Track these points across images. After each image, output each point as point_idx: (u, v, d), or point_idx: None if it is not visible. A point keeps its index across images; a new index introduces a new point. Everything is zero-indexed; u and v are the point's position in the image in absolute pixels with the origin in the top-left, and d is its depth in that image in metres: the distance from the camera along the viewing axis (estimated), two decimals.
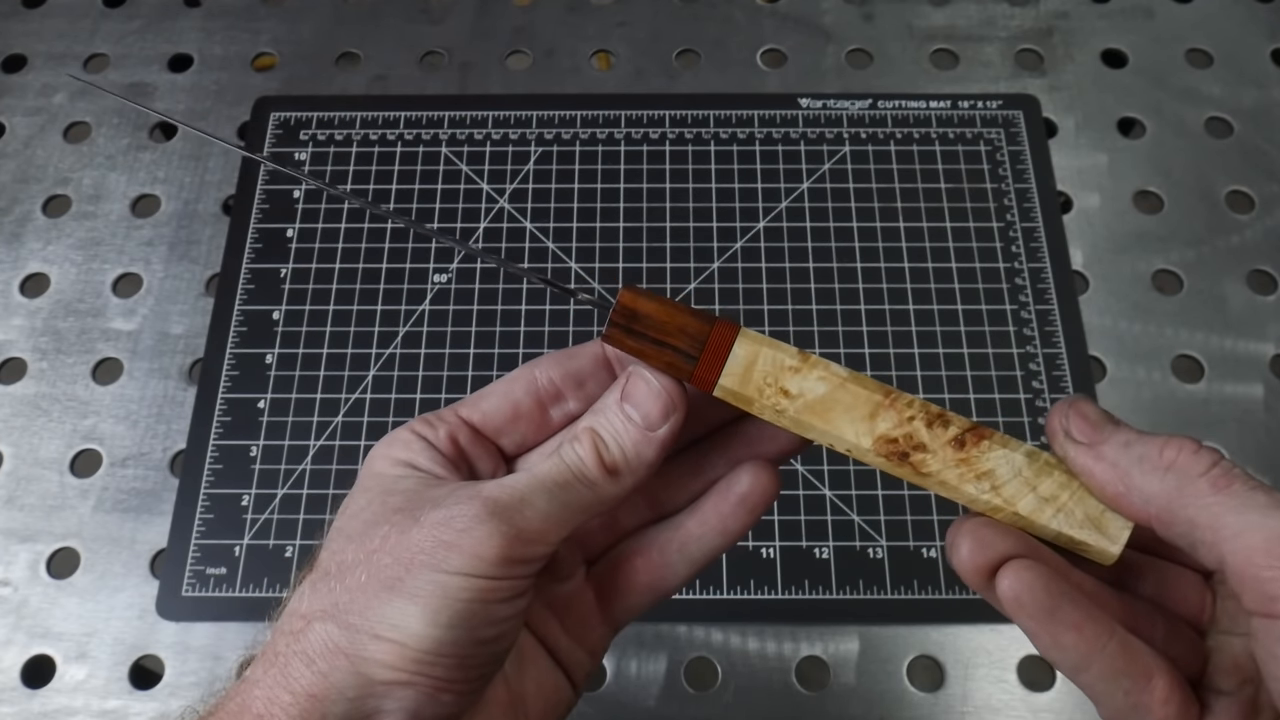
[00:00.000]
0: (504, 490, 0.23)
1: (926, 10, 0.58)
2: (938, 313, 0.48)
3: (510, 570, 0.22)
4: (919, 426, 0.24)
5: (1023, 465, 0.24)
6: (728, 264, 0.49)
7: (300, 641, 0.22)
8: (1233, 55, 0.55)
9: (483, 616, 0.22)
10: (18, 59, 0.57)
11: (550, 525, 0.23)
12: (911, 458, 0.24)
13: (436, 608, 0.22)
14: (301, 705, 0.22)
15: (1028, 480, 0.24)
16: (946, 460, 0.24)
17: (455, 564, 0.22)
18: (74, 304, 0.49)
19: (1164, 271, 0.50)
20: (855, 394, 0.24)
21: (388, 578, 0.22)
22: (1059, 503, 0.24)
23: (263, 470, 0.45)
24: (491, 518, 0.22)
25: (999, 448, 0.24)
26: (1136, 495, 0.23)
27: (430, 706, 0.22)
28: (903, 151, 0.52)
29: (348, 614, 0.22)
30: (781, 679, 0.41)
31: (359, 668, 0.22)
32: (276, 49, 0.57)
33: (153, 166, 0.53)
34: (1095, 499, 0.24)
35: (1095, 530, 0.23)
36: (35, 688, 0.41)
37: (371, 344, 0.48)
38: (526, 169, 0.52)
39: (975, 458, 0.24)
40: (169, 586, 0.43)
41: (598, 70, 0.56)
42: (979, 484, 0.24)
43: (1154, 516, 0.22)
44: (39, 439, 0.46)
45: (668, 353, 0.24)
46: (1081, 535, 0.23)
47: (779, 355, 0.25)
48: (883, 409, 0.24)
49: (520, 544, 0.23)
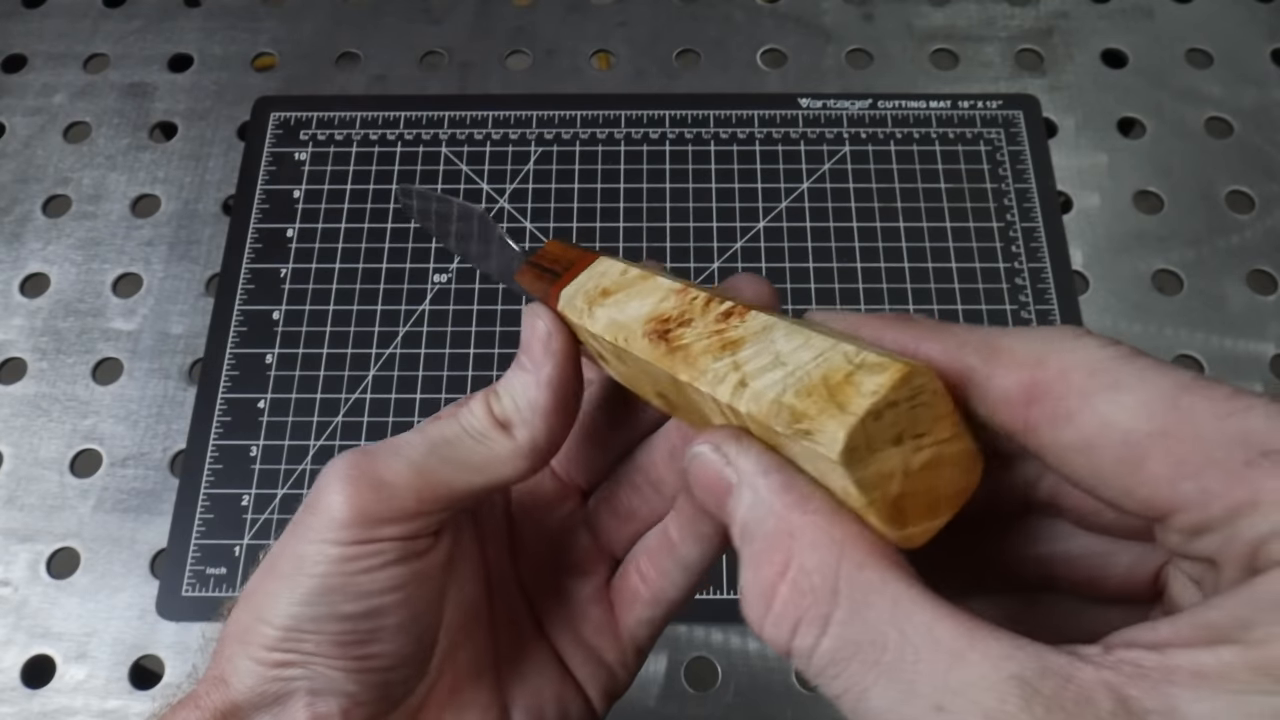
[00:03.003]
0: (376, 445, 0.22)
1: (926, 10, 0.58)
2: (938, 313, 0.48)
3: (369, 532, 0.21)
4: (697, 306, 0.20)
5: (783, 331, 0.18)
6: (728, 264, 0.49)
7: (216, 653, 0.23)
8: (1233, 55, 0.55)
9: (342, 590, 0.21)
10: (18, 59, 0.57)
11: (424, 481, 0.21)
12: (670, 333, 0.20)
13: (292, 585, 0.21)
14: (210, 689, 0.22)
15: (781, 351, 0.17)
16: (702, 332, 0.19)
17: (312, 532, 0.21)
18: (74, 304, 0.49)
19: (1164, 271, 0.50)
20: (654, 284, 0.21)
21: (269, 562, 0.22)
22: (802, 372, 0.17)
23: (263, 470, 0.45)
24: (347, 471, 0.21)
25: (765, 315, 0.18)
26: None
27: (326, 684, 0.22)
28: (903, 151, 0.52)
29: (249, 601, 0.22)
30: (781, 679, 0.41)
31: (250, 654, 0.22)
32: (276, 49, 0.57)
33: (153, 166, 0.53)
34: (870, 357, 0.16)
35: (827, 400, 0.16)
36: (35, 688, 0.41)
37: (371, 344, 0.48)
38: (526, 169, 0.52)
39: (733, 326, 0.19)
40: (169, 586, 0.43)
41: (598, 70, 0.56)
42: (720, 358, 0.18)
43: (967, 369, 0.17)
44: (39, 439, 0.46)
45: (545, 277, 0.23)
46: (802, 405, 0.16)
47: (617, 264, 0.22)
48: (674, 294, 0.20)
49: (380, 499, 0.21)
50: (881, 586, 0.15)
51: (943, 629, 0.14)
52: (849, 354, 0.16)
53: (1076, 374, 0.16)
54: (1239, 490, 0.14)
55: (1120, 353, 0.16)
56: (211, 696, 0.22)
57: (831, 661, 0.15)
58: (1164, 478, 0.14)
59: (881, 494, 0.16)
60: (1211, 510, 0.14)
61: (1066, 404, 0.15)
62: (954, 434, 0.16)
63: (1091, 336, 0.16)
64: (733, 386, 0.18)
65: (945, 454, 0.16)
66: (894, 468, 0.16)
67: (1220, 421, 0.14)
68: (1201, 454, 0.14)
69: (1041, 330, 0.17)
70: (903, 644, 0.14)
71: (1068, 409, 0.15)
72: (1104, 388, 0.15)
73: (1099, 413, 0.15)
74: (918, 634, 0.14)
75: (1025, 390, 0.16)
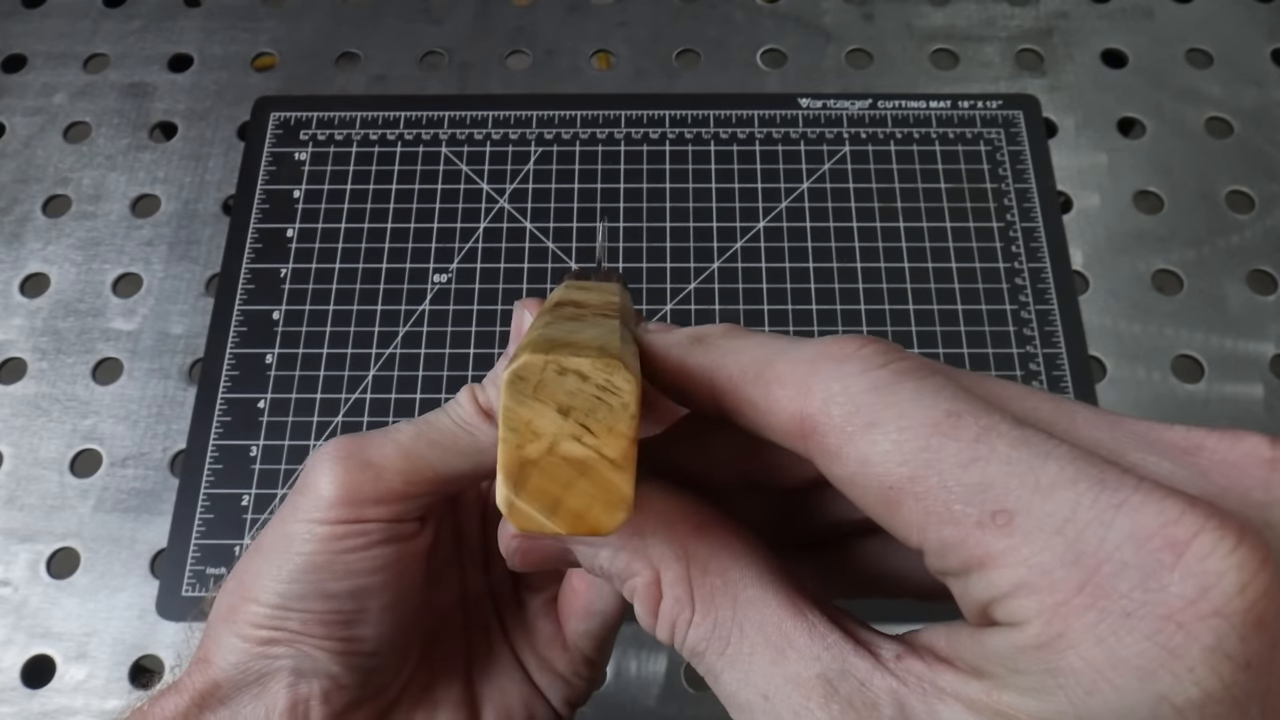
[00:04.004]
0: (366, 432, 0.23)
1: (926, 10, 0.58)
2: (938, 313, 0.48)
3: (357, 512, 0.21)
4: (597, 305, 0.20)
5: (609, 325, 0.18)
6: (728, 264, 0.49)
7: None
8: (1233, 55, 0.55)
9: (329, 568, 0.21)
10: (18, 59, 0.57)
11: (411, 464, 0.22)
12: (560, 306, 0.20)
13: (279, 562, 0.22)
14: (192, 670, 0.22)
15: (586, 330, 0.17)
16: (573, 313, 0.19)
17: (300, 512, 0.22)
18: (74, 304, 0.49)
19: (1164, 271, 0.50)
20: (610, 289, 0.21)
21: (257, 543, 0.23)
22: (573, 335, 0.17)
23: (263, 470, 0.45)
24: (336, 453, 0.22)
25: (615, 321, 0.18)
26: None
27: (309, 664, 0.22)
28: (903, 151, 0.52)
29: (236, 581, 0.23)
30: None
31: (237, 631, 0.22)
32: (276, 49, 0.57)
33: (153, 166, 0.53)
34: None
35: (551, 346, 0.16)
36: (35, 688, 0.41)
37: (371, 344, 0.48)
38: (526, 169, 0.52)
39: (591, 315, 0.19)
40: (169, 586, 0.43)
41: (598, 70, 0.56)
42: (554, 322, 0.18)
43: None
44: (39, 439, 0.46)
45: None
46: (539, 342, 0.16)
47: (613, 285, 0.22)
48: (610, 296, 0.21)
49: (368, 479, 0.22)
50: (725, 588, 0.17)
51: (772, 626, 0.17)
52: (610, 340, 0.16)
53: (837, 408, 0.15)
54: (973, 548, 0.14)
55: (881, 380, 0.15)
56: (193, 677, 0.22)
57: (694, 653, 0.18)
58: (914, 524, 0.15)
59: (519, 441, 0.15)
60: (949, 562, 0.14)
61: (831, 441, 0.15)
62: (617, 460, 0.16)
63: (856, 358, 0.16)
64: (534, 331, 0.18)
65: (598, 470, 0.16)
66: (545, 430, 0.15)
67: (963, 470, 0.14)
68: (943, 505, 0.14)
69: (813, 349, 0.16)
70: (741, 639, 0.17)
71: (835, 445, 0.15)
72: (862, 426, 0.15)
73: (859, 452, 0.15)
74: (753, 629, 0.17)
75: (797, 424, 0.16)
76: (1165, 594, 0.12)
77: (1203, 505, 0.13)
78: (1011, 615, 0.13)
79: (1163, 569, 0.12)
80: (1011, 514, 0.13)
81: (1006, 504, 0.13)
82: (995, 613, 0.14)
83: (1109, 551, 0.13)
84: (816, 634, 0.16)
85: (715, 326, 0.19)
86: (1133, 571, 0.12)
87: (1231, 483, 0.14)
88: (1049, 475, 0.13)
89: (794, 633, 0.16)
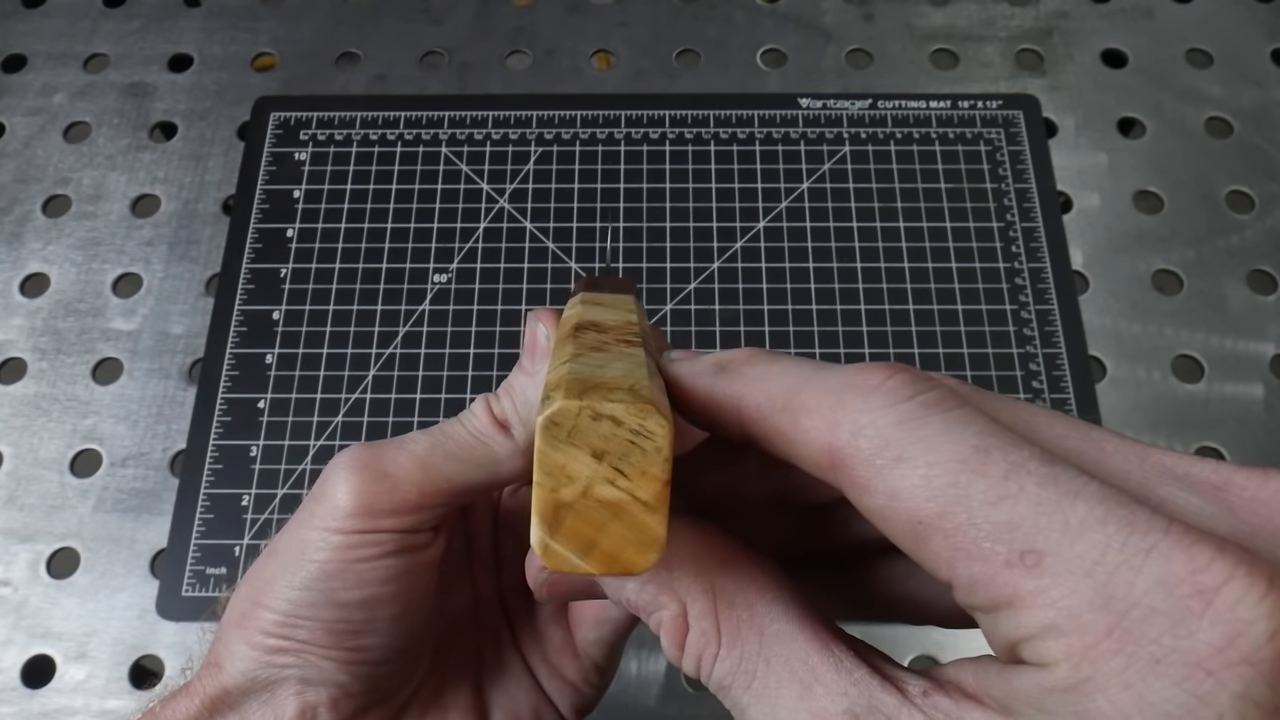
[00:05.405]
0: (382, 440, 0.23)
1: (926, 10, 0.58)
2: (938, 313, 0.48)
3: (372, 522, 0.21)
4: (620, 329, 0.20)
5: (635, 359, 0.18)
6: (728, 264, 0.49)
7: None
8: (1233, 55, 0.55)
9: (341, 577, 0.21)
10: (18, 59, 0.57)
11: (426, 475, 0.22)
12: (584, 332, 0.20)
13: (293, 568, 0.22)
14: (204, 674, 0.23)
15: (611, 364, 0.18)
16: (598, 341, 0.19)
17: (315, 520, 0.22)
18: (74, 304, 0.49)
19: (1164, 271, 0.50)
20: (626, 304, 0.22)
21: (270, 548, 0.23)
22: (599, 370, 0.17)
23: (263, 470, 0.45)
24: (353, 463, 0.22)
25: (641, 352, 0.19)
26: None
27: (317, 674, 0.22)
28: (903, 151, 0.52)
29: (248, 586, 0.23)
30: None
31: (247, 638, 0.22)
32: (276, 49, 0.57)
33: (153, 166, 0.53)
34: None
35: (583, 388, 0.16)
36: (35, 688, 0.41)
37: (371, 344, 0.48)
38: (526, 169, 0.52)
39: (613, 345, 0.19)
40: (169, 586, 0.43)
41: (598, 70, 0.56)
42: (581, 353, 0.18)
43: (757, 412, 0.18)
44: (39, 439, 0.46)
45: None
46: (568, 383, 0.16)
47: (628, 299, 0.22)
48: (627, 313, 0.21)
49: (384, 489, 0.22)
50: (751, 622, 0.18)
51: (799, 660, 0.17)
52: (639, 378, 0.17)
53: (865, 441, 0.15)
54: (1001, 587, 0.14)
55: (908, 413, 0.15)
56: (204, 682, 0.23)
57: (719, 686, 0.18)
58: (943, 559, 0.15)
59: (554, 485, 0.16)
60: (977, 598, 0.14)
61: (860, 474, 0.15)
62: (650, 503, 0.16)
63: (883, 389, 0.16)
64: (562, 366, 0.18)
65: (631, 513, 0.16)
66: (579, 474, 0.16)
67: (992, 508, 0.14)
68: (972, 542, 0.14)
69: (839, 378, 0.16)
70: (767, 673, 0.17)
71: (863, 479, 0.15)
72: (890, 461, 0.15)
73: (888, 486, 0.15)
74: (779, 664, 0.17)
75: (826, 455, 0.16)
76: (1194, 641, 0.12)
77: (1232, 550, 0.13)
78: (1040, 656, 0.13)
79: (1192, 616, 0.12)
80: (1041, 554, 0.13)
81: (1036, 544, 0.13)
82: (1023, 653, 0.14)
83: (1138, 596, 0.13)
84: (843, 669, 0.16)
85: (740, 352, 0.19)
86: (1162, 618, 0.12)
87: (1262, 521, 0.14)
88: (1078, 515, 0.13)
89: (820, 668, 0.17)
